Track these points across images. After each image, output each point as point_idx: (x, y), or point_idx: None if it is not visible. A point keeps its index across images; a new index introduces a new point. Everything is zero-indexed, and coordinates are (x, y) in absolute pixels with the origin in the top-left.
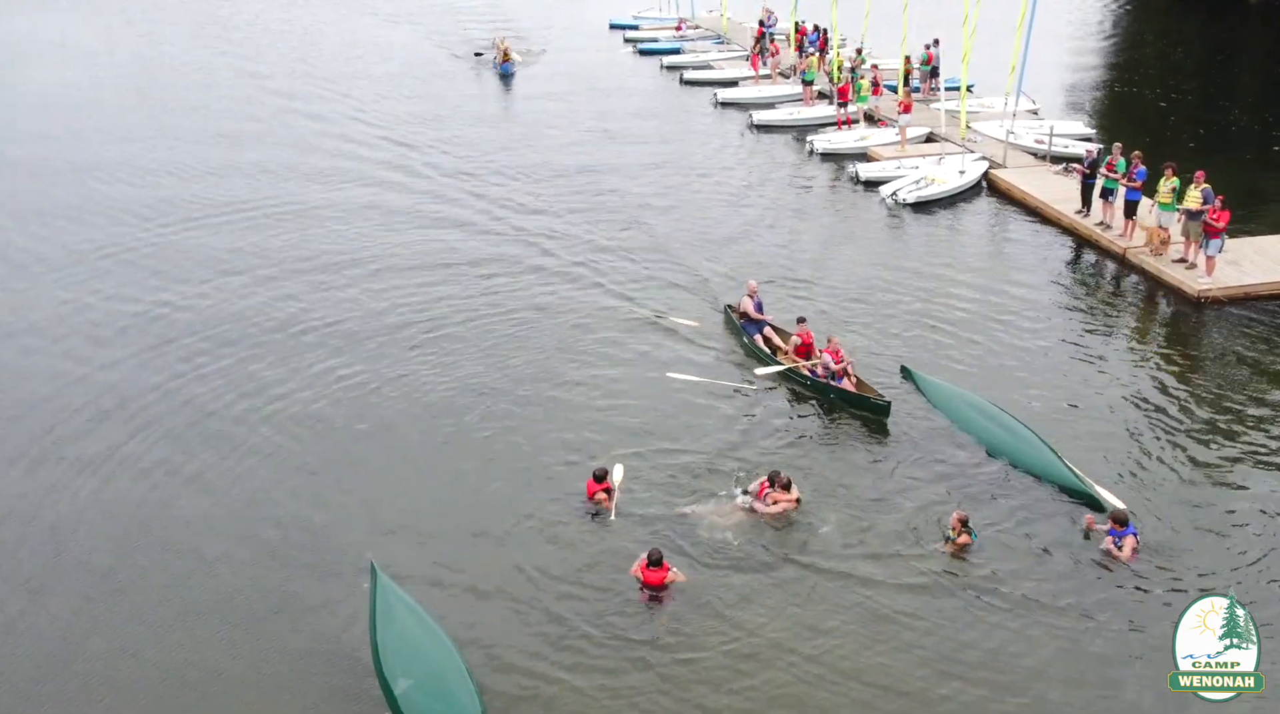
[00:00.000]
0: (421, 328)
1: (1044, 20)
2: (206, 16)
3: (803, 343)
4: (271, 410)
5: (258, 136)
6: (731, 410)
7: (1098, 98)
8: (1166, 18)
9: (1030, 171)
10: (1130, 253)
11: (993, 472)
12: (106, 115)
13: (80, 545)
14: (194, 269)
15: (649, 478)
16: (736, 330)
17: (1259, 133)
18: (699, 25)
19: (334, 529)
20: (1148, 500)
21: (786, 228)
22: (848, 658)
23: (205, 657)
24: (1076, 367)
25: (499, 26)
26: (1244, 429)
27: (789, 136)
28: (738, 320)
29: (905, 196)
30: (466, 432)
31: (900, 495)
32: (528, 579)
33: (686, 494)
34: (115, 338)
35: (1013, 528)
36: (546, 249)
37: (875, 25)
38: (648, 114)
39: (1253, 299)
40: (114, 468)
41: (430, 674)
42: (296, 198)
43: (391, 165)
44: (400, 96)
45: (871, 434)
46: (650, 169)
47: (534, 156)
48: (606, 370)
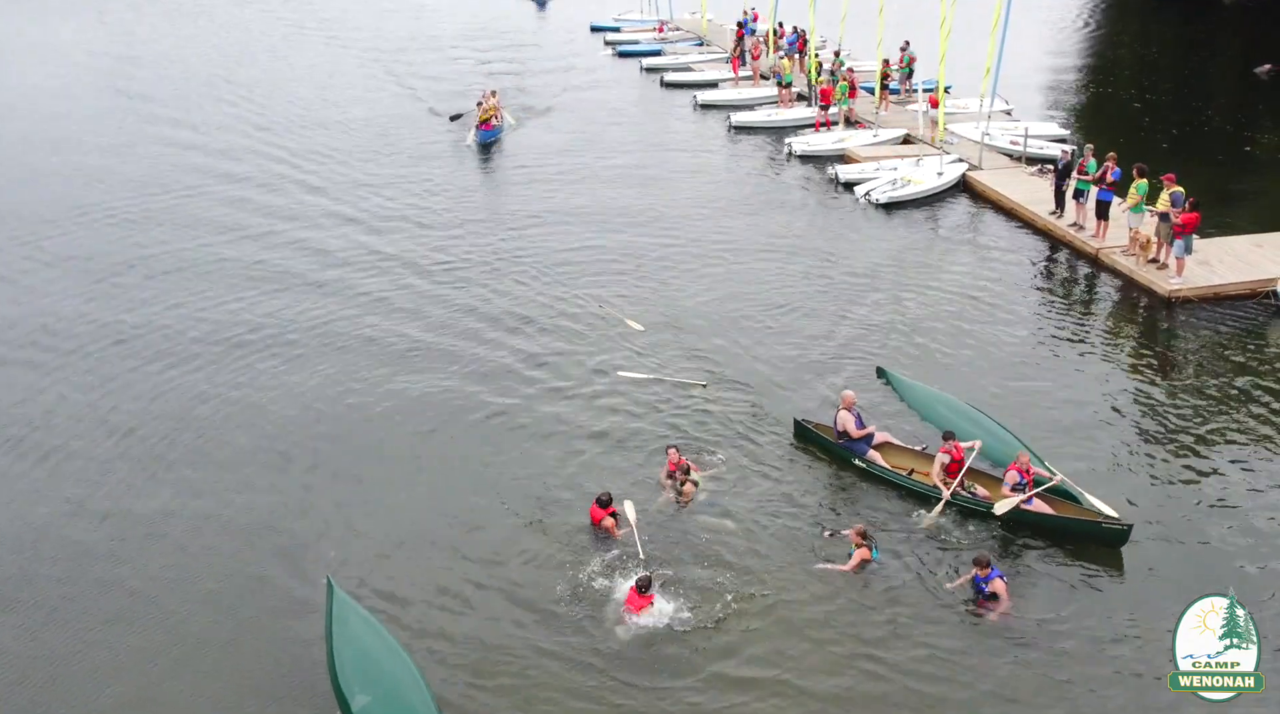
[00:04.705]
0: (381, 338)
1: (1018, 21)
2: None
3: (954, 460)
4: (226, 423)
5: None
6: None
7: (1072, 99)
8: (1141, 19)
9: (1005, 173)
10: (1103, 253)
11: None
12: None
13: (27, 563)
14: (152, 279)
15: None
16: (830, 452)
17: (1232, 134)
18: (679, 28)
19: (290, 546)
20: (1130, 500)
21: (761, 228)
22: (845, 685)
23: (157, 678)
24: (1052, 366)
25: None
26: (1225, 427)
27: (767, 138)
28: (835, 440)
29: (878, 197)
30: (426, 445)
31: (882, 494)
32: (488, 594)
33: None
34: (79, 347)
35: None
36: (517, 255)
37: (852, 27)
38: (628, 116)
39: (1223, 299)
40: (65, 483)
41: (388, 690)
42: (273, 209)
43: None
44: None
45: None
46: (628, 171)
47: (514, 161)
48: (571, 379)
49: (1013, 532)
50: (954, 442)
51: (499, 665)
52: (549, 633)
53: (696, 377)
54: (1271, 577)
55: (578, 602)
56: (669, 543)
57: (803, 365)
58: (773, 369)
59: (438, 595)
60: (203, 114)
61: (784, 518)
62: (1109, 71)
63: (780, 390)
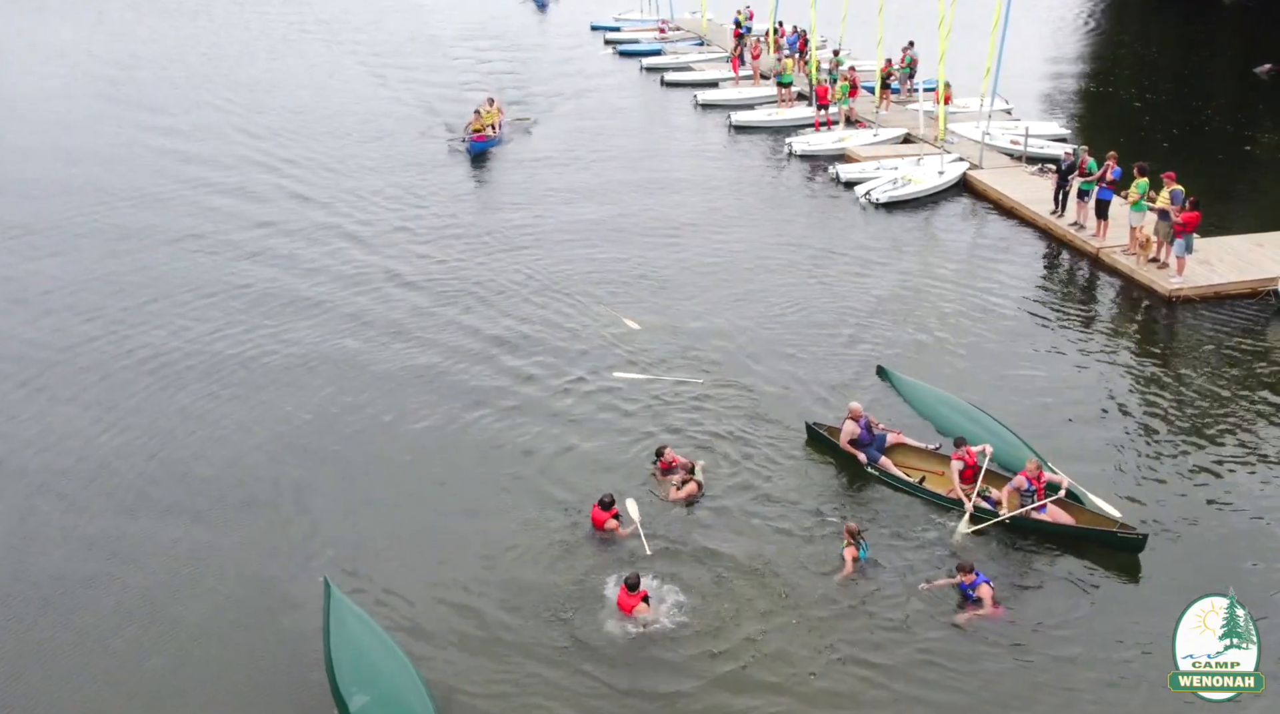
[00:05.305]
0: (379, 338)
1: (1018, 20)
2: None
3: (968, 466)
4: (224, 422)
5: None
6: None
7: (1073, 98)
8: (1141, 18)
9: (1005, 172)
10: (1103, 253)
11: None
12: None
13: (22, 560)
14: (167, 290)
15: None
16: (842, 455)
17: (1232, 133)
18: (680, 27)
19: (287, 545)
20: (1129, 499)
21: (761, 227)
22: (850, 683)
23: (153, 677)
24: (1053, 366)
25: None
26: (1226, 427)
27: (767, 138)
28: (846, 448)
29: (879, 196)
30: (423, 445)
31: (878, 496)
32: (485, 594)
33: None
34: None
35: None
36: (516, 255)
37: (853, 27)
38: (628, 115)
39: (1224, 298)
40: (61, 481)
41: (386, 690)
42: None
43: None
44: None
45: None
46: (627, 170)
47: (512, 161)
48: (569, 379)
49: (1024, 536)
50: (966, 447)
51: (497, 665)
52: (547, 633)
53: (694, 375)
54: (1272, 576)
55: (575, 602)
56: (667, 543)
57: (803, 365)
58: (772, 369)
59: (435, 595)
60: (195, 118)
61: (784, 519)
62: (1109, 71)
63: (780, 390)
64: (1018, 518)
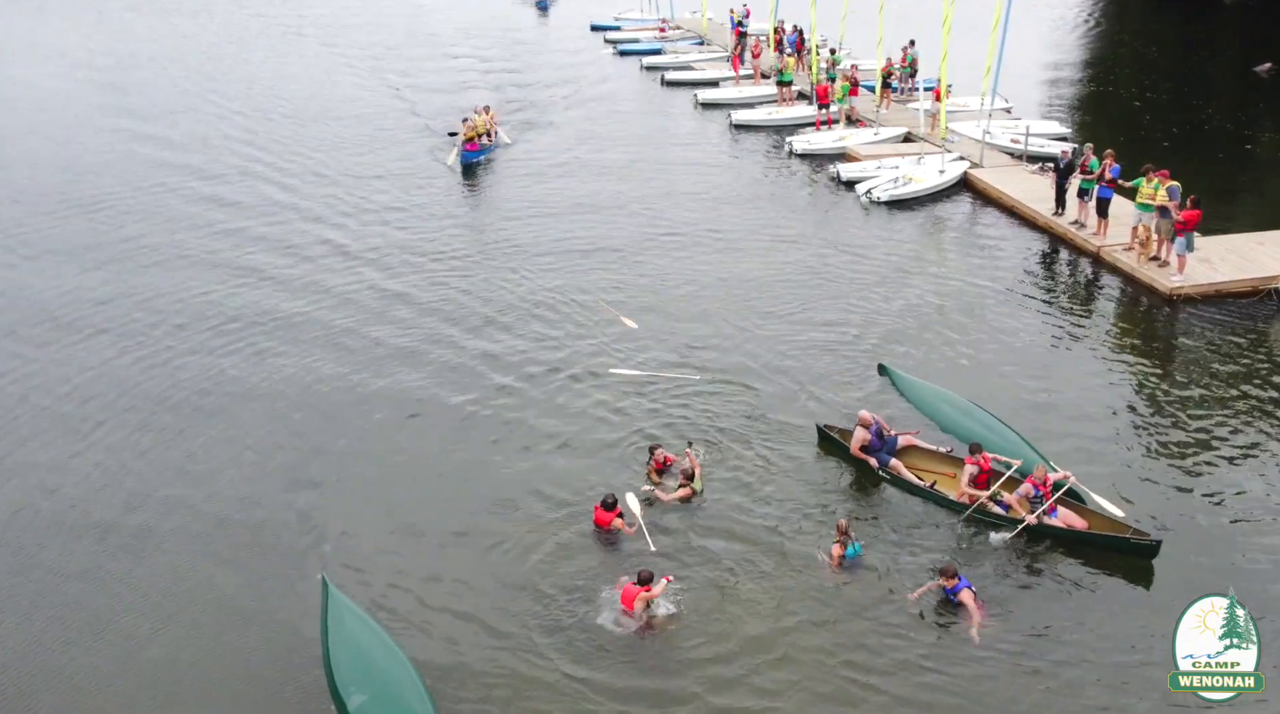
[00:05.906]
0: (377, 336)
1: (1019, 20)
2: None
3: (982, 471)
4: (221, 421)
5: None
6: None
7: (1073, 97)
8: (1141, 18)
9: (1006, 171)
10: (1104, 251)
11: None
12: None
13: (17, 554)
14: (167, 274)
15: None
16: (854, 461)
17: (1232, 132)
18: (680, 26)
19: (284, 543)
20: (1129, 498)
21: (762, 227)
22: (850, 683)
23: (149, 674)
24: (1054, 364)
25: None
26: (1227, 426)
27: (768, 137)
28: (857, 454)
29: (879, 195)
30: (421, 442)
31: (887, 498)
32: (483, 592)
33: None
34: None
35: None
36: (516, 254)
37: (853, 26)
38: (628, 114)
39: (1225, 296)
40: (57, 477)
41: (384, 688)
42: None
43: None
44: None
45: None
46: (628, 170)
47: (513, 160)
48: (567, 376)
49: (1035, 541)
50: (982, 453)
51: (495, 663)
52: (546, 632)
53: (692, 373)
54: (1272, 576)
55: (574, 600)
56: (666, 542)
57: (803, 364)
58: (772, 367)
59: (433, 593)
60: (192, 126)
61: (785, 519)
62: (1109, 70)
63: (780, 387)
64: (1036, 524)
